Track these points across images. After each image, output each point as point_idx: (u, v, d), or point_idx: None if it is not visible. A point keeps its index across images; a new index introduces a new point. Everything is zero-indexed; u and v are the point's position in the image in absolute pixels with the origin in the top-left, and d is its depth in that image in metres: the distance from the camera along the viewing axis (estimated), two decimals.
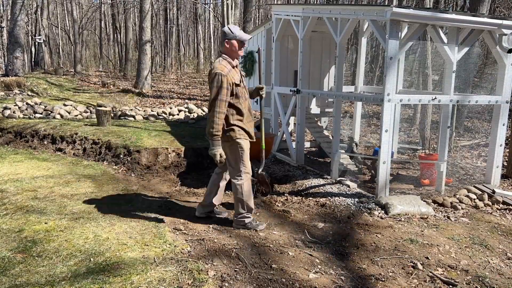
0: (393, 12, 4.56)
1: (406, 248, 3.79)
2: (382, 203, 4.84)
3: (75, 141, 7.88)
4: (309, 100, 7.67)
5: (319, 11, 6.06)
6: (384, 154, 4.98)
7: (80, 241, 3.71)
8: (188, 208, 4.85)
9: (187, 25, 36.52)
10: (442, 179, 5.52)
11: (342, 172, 6.17)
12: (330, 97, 6.91)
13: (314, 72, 7.88)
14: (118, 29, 28.63)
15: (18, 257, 3.39)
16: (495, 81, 5.78)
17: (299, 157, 6.74)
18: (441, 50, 5.33)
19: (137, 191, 5.46)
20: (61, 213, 4.42)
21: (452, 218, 4.58)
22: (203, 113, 11.38)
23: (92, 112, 10.65)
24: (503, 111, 5.61)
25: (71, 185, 5.53)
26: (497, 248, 3.85)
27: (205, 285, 3.02)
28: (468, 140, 8.82)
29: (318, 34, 7.57)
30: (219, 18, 16.77)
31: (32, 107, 10.52)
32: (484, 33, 5.45)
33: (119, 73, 22.54)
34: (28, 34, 23.12)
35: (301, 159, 6.76)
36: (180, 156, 7.06)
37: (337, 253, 3.69)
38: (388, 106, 4.88)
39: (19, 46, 15.89)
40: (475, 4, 8.97)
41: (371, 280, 3.22)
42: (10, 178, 5.78)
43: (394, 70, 4.85)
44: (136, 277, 3.09)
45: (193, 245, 3.73)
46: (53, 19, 29.58)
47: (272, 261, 3.45)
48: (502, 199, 5.11)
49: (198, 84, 20.48)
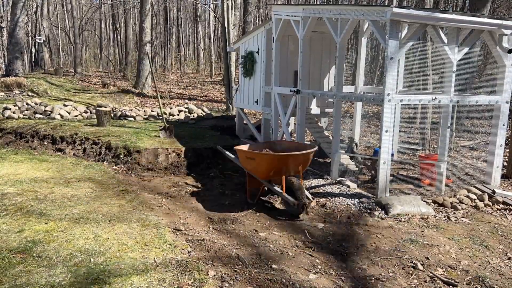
0: (393, 13, 4.56)
1: (406, 249, 3.79)
2: (382, 203, 4.84)
3: (75, 142, 7.88)
4: (309, 100, 7.66)
5: (319, 11, 6.06)
6: (384, 154, 4.98)
7: (80, 242, 3.70)
8: (188, 209, 4.85)
9: (187, 25, 36.53)
10: (442, 180, 5.52)
11: (342, 172, 6.16)
12: (330, 97, 6.91)
13: (314, 72, 7.87)
14: (118, 30, 28.64)
15: (18, 257, 3.39)
16: (495, 81, 5.78)
17: None
18: (441, 50, 5.33)
19: (137, 191, 5.45)
20: (61, 213, 4.42)
21: (452, 219, 4.58)
22: (203, 113, 11.37)
23: (92, 113, 10.65)
24: (503, 112, 5.61)
25: (71, 186, 5.53)
26: (497, 248, 3.85)
27: (205, 285, 3.02)
28: (468, 140, 8.82)
29: (318, 34, 7.57)
30: (219, 19, 16.77)
31: (32, 107, 10.52)
32: (484, 34, 5.45)
33: (119, 73, 22.54)
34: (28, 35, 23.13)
35: None
36: (180, 156, 7.06)
37: (337, 254, 3.69)
38: (388, 106, 4.88)
39: (19, 47, 15.88)
40: (475, 5, 8.97)
41: (371, 280, 3.22)
42: (10, 178, 5.77)
43: (394, 70, 4.85)
44: (136, 277, 3.09)
45: (193, 245, 3.72)
46: (53, 19, 29.59)
47: (272, 261, 3.45)
48: (502, 199, 5.11)
49: (198, 85, 20.48)
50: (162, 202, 5.04)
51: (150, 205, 4.84)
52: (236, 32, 18.98)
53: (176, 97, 16.00)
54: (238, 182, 6.13)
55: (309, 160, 4.96)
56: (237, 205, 4.99)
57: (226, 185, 5.96)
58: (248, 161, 4.93)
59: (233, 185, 5.98)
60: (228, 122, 10.04)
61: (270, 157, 4.80)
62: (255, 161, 4.83)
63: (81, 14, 27.34)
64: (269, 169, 4.74)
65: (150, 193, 5.41)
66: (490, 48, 5.63)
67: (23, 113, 10.18)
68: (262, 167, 4.79)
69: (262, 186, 5.03)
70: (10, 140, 8.52)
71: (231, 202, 5.13)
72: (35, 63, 22.42)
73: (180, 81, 21.27)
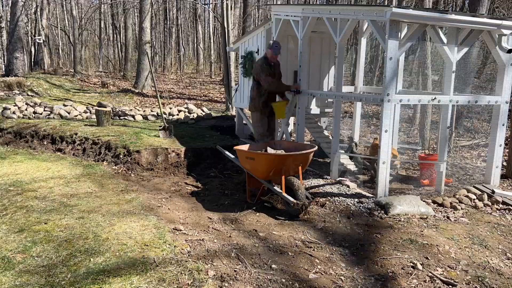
0: (393, 13, 4.56)
1: (406, 248, 3.79)
2: (381, 203, 4.85)
3: (74, 142, 7.88)
4: (309, 100, 7.67)
5: (319, 11, 6.07)
6: (384, 154, 4.98)
7: (80, 242, 3.71)
8: (188, 209, 4.85)
9: (186, 25, 36.53)
10: (442, 179, 5.53)
11: (341, 172, 6.17)
12: (329, 97, 6.92)
13: (313, 72, 7.87)
14: (117, 29, 28.64)
15: (18, 257, 3.39)
16: (495, 81, 5.79)
17: None
18: (441, 51, 5.34)
19: (137, 191, 5.46)
20: (61, 213, 4.42)
21: (451, 218, 4.58)
22: (203, 113, 11.37)
23: (91, 112, 10.65)
24: (502, 111, 5.62)
25: (71, 185, 5.53)
26: (496, 248, 3.86)
27: (204, 285, 3.03)
28: (468, 140, 8.83)
29: (318, 34, 7.57)
30: (218, 19, 16.76)
31: (32, 107, 10.51)
32: (483, 34, 5.46)
33: (119, 73, 22.54)
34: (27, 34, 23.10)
35: None
36: (180, 156, 7.06)
37: (336, 253, 3.69)
38: (387, 106, 4.88)
39: (18, 47, 15.88)
40: (474, 5, 8.97)
41: (370, 280, 3.22)
42: (10, 178, 5.78)
43: (394, 70, 4.85)
44: (136, 277, 3.09)
45: (192, 245, 3.73)
46: (52, 19, 29.57)
47: (272, 261, 3.46)
48: (502, 199, 5.11)
49: (197, 84, 20.48)
50: (161, 202, 5.04)
51: (150, 205, 4.84)
52: (235, 32, 18.98)
53: (175, 97, 16.00)
54: (238, 182, 6.13)
55: (309, 160, 4.97)
56: (237, 205, 5.00)
57: (226, 185, 5.97)
58: (248, 161, 4.94)
59: (233, 185, 5.99)
60: (228, 122, 10.04)
61: (270, 157, 4.82)
62: (255, 161, 4.84)
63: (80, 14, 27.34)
64: (268, 169, 4.75)
65: (150, 193, 5.41)
66: (490, 48, 5.64)
67: (22, 113, 10.18)
68: (261, 167, 4.80)
69: (262, 186, 5.03)
70: (9, 140, 8.52)
71: (231, 202, 5.13)
72: (34, 63, 22.40)
73: (180, 81, 21.26)
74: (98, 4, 29.04)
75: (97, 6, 29.29)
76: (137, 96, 15.34)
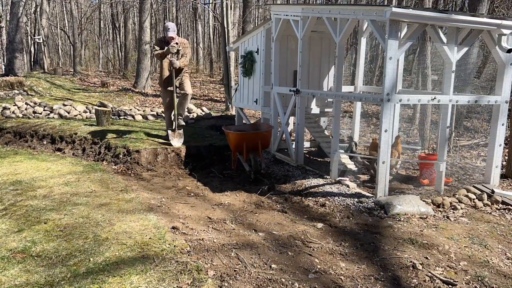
0: (393, 12, 4.56)
1: (406, 248, 3.80)
2: (381, 203, 4.85)
3: (74, 141, 7.88)
4: (309, 100, 7.67)
5: (319, 11, 6.06)
6: (384, 154, 4.98)
7: (79, 241, 3.71)
8: (188, 208, 4.85)
9: (186, 24, 36.52)
10: (442, 179, 5.53)
11: (341, 172, 6.17)
12: (329, 97, 6.91)
13: (313, 72, 7.88)
14: (117, 29, 28.61)
15: (17, 257, 3.39)
16: (495, 81, 5.79)
17: (298, 157, 6.74)
18: (441, 50, 5.33)
19: (137, 190, 5.46)
20: (61, 213, 4.42)
21: (451, 218, 4.58)
22: (203, 113, 11.37)
23: (91, 112, 10.65)
24: (502, 111, 5.62)
25: (71, 185, 5.53)
26: (496, 248, 3.86)
27: (204, 285, 3.03)
28: (468, 140, 8.82)
29: (318, 34, 7.57)
30: (218, 18, 16.76)
31: (31, 107, 10.51)
32: (483, 33, 5.46)
33: (119, 73, 22.53)
34: (27, 34, 23.08)
35: (300, 159, 6.76)
36: (179, 156, 7.06)
37: (336, 253, 3.69)
38: (387, 106, 4.88)
39: (18, 46, 15.87)
40: (474, 4, 8.97)
41: (370, 280, 3.23)
42: (9, 178, 5.77)
43: (394, 70, 4.85)
44: (135, 277, 3.09)
45: (192, 245, 3.73)
46: (52, 19, 29.55)
47: (272, 261, 3.46)
48: (502, 199, 5.11)
49: (197, 84, 20.47)
50: (161, 201, 5.04)
51: (150, 205, 4.84)
52: (235, 32, 18.96)
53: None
54: (238, 182, 6.13)
55: (267, 138, 6.49)
56: (237, 204, 5.00)
57: (226, 185, 5.97)
58: (228, 138, 6.57)
59: (233, 184, 5.99)
60: (228, 121, 10.04)
61: (233, 135, 6.35)
62: (229, 137, 6.47)
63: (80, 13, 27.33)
64: (235, 144, 6.37)
65: (150, 193, 5.41)
66: (490, 48, 5.63)
67: (22, 113, 10.18)
68: (231, 142, 6.47)
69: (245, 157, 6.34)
70: (9, 140, 8.52)
71: (231, 202, 5.13)
72: (34, 63, 22.38)
73: None
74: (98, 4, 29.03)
75: (96, 6, 29.28)
76: (137, 96, 15.34)
